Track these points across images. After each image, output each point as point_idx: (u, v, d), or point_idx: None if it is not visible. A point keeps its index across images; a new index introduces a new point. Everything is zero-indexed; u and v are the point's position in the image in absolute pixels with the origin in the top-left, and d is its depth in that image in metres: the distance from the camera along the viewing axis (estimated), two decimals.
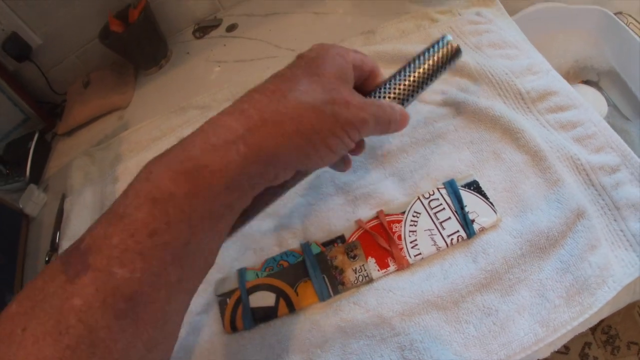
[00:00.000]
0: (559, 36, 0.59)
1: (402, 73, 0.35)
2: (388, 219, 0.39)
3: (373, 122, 0.29)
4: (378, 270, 0.38)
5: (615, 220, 0.38)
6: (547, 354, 0.38)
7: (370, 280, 0.38)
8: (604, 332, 0.87)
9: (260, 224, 0.44)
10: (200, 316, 0.41)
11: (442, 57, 0.36)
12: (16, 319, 0.22)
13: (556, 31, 0.59)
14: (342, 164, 0.36)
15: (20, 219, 0.60)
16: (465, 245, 0.38)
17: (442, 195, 0.40)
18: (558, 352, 0.83)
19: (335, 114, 0.27)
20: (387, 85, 0.34)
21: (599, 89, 0.59)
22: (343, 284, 0.38)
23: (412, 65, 0.35)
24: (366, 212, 0.41)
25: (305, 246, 0.40)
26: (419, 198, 0.40)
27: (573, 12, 0.57)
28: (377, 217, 0.40)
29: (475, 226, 0.38)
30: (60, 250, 0.52)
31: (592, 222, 0.38)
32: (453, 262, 0.38)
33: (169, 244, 0.23)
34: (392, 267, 0.38)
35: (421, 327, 0.36)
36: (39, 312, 0.21)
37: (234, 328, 0.39)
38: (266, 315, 0.38)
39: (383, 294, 0.37)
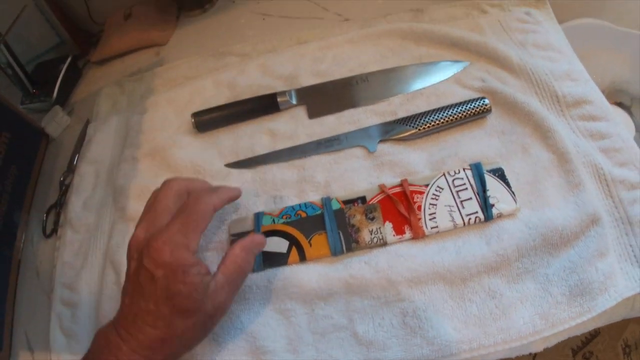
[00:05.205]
0: (601, 54, 0.59)
1: (437, 112, 0.44)
2: (411, 188, 0.40)
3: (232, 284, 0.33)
4: (393, 235, 0.38)
5: (626, 234, 0.39)
6: (540, 348, 0.39)
7: (384, 244, 0.38)
8: (585, 357, 0.87)
9: (284, 172, 0.44)
10: (211, 252, 0.42)
11: (473, 111, 0.44)
12: None
13: (599, 49, 0.59)
14: None
15: (40, 137, 0.60)
16: (481, 227, 0.39)
17: (467, 175, 0.40)
18: None
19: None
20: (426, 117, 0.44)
21: (630, 113, 0.59)
22: (357, 242, 0.38)
23: (447, 110, 0.44)
24: (390, 179, 0.41)
25: (326, 200, 0.40)
26: (444, 174, 0.40)
27: (619, 34, 0.58)
28: (400, 185, 0.40)
29: (494, 211, 0.39)
30: (77, 171, 0.53)
31: (605, 231, 0.39)
32: (467, 241, 0.39)
33: None
34: (407, 235, 0.38)
35: (426, 296, 0.37)
36: None
37: None
38: (276, 260, 0.39)
39: (395, 259, 0.38)
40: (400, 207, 0.39)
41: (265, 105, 0.48)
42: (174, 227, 0.30)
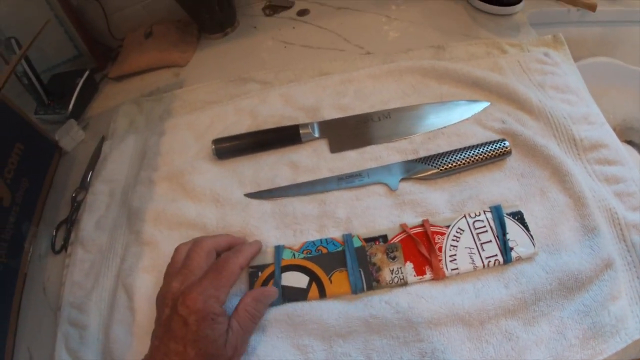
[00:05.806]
0: (612, 92, 0.60)
1: (458, 152, 0.45)
2: (432, 229, 0.40)
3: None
4: (414, 276, 0.39)
5: (638, 277, 0.40)
6: None
7: (404, 284, 0.39)
8: None
9: (305, 206, 0.45)
10: None
11: (493, 153, 0.45)
12: None
13: (610, 86, 0.60)
14: None
15: (53, 150, 0.59)
16: (500, 270, 0.39)
17: (487, 218, 0.41)
18: None
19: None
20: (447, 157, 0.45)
21: None
22: (378, 281, 0.39)
23: (468, 151, 0.45)
24: (411, 219, 0.42)
25: (348, 237, 0.41)
26: (465, 216, 0.41)
27: (630, 72, 0.59)
28: (422, 225, 0.41)
29: (513, 254, 0.39)
30: (91, 189, 0.52)
31: (618, 275, 0.39)
32: (486, 283, 0.39)
33: None
34: (428, 275, 0.39)
35: (445, 338, 0.37)
36: None
37: None
38: (296, 296, 0.39)
39: (415, 300, 0.38)
40: (421, 248, 0.39)
41: (287, 136, 0.49)
42: (207, 281, 0.35)
